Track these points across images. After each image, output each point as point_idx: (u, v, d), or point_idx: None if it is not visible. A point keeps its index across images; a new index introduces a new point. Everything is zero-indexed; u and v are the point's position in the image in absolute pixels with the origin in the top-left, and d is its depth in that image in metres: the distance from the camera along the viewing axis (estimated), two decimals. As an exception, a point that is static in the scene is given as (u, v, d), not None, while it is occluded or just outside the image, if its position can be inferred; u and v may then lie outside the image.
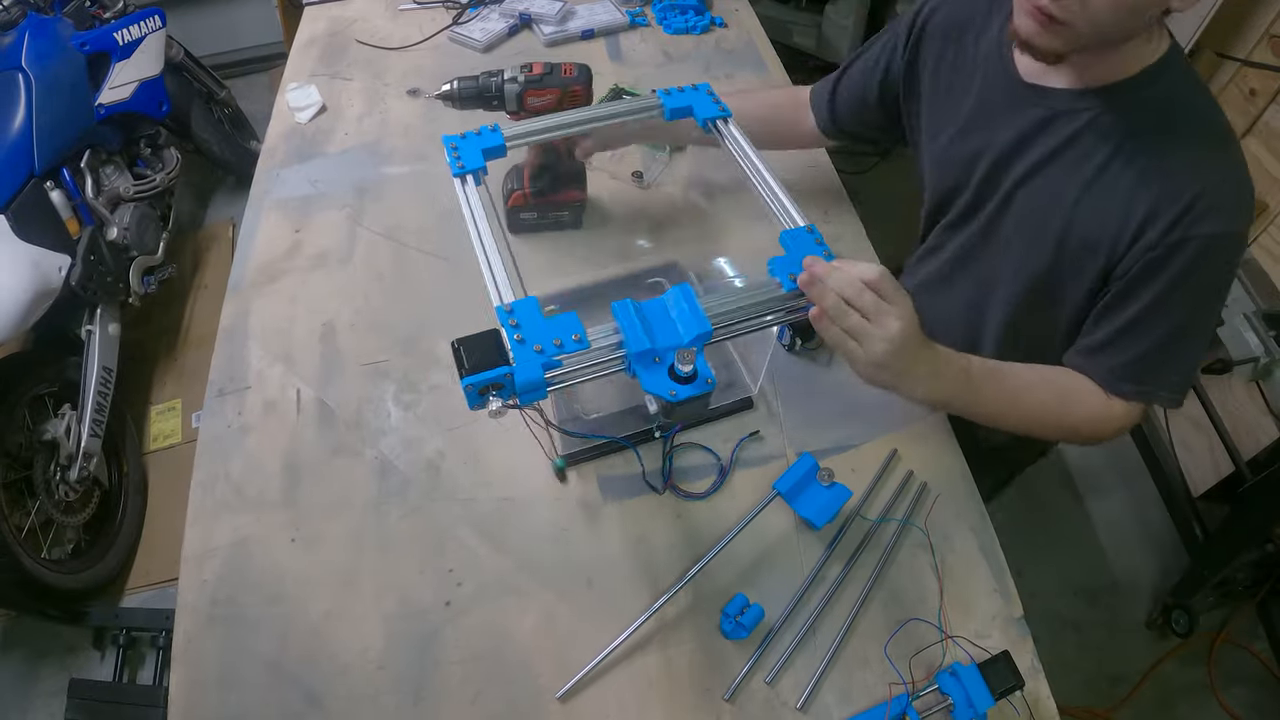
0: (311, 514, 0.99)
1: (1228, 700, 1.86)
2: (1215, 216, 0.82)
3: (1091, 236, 0.90)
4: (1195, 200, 0.82)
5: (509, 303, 0.75)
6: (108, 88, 2.15)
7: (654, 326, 0.76)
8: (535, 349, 0.71)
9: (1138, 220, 0.86)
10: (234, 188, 2.97)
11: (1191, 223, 0.83)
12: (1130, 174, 0.87)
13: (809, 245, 0.83)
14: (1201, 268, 0.84)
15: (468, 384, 0.69)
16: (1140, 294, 0.88)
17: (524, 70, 1.11)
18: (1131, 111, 0.88)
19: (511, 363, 0.70)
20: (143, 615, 1.93)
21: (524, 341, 0.71)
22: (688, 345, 0.74)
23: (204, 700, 0.85)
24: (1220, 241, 0.84)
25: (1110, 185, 0.88)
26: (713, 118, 1.00)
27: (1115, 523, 2.19)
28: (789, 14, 2.91)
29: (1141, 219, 0.85)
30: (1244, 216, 0.85)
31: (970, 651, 0.85)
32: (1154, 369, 0.91)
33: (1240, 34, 1.97)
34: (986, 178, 1.01)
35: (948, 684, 0.81)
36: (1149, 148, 0.86)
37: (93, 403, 1.95)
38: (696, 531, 0.96)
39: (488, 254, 0.81)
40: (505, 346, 0.71)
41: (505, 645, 0.88)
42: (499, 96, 1.11)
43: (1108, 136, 0.89)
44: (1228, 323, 1.74)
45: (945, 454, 1.03)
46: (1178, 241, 0.83)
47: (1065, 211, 0.92)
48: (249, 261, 1.26)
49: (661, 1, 1.76)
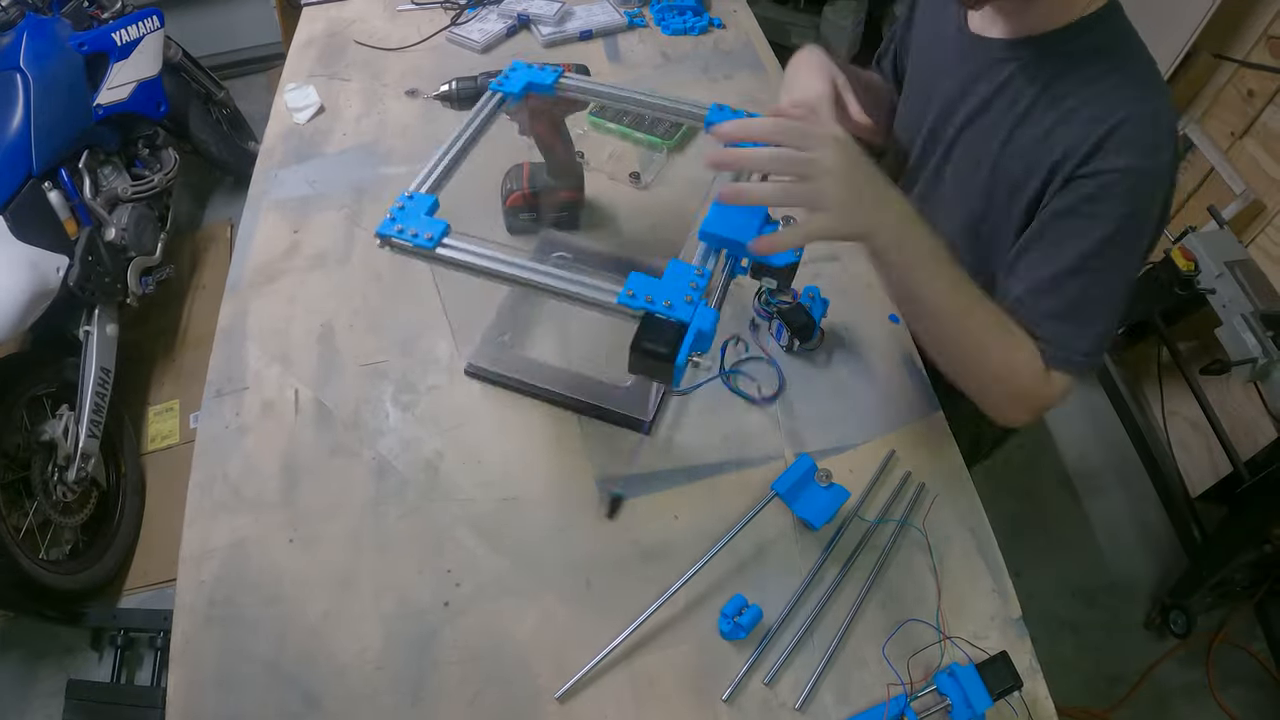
0: (309, 514, 0.99)
1: (1226, 701, 1.86)
2: (1129, 150, 0.82)
3: (1016, 178, 0.91)
4: (1108, 134, 0.82)
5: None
6: (106, 88, 2.15)
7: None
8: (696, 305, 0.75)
9: (1054, 157, 0.86)
10: (232, 188, 2.97)
11: (1104, 156, 0.83)
12: (1052, 115, 0.88)
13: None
14: (1115, 201, 0.83)
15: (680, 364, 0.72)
16: (1052, 232, 0.87)
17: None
18: (1059, 57, 0.89)
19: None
20: (141, 616, 1.93)
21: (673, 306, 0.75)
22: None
23: (202, 701, 0.85)
24: (1133, 176, 0.82)
25: (1033, 127, 0.90)
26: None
27: (1113, 523, 2.19)
28: (787, 15, 2.91)
29: (1058, 156, 0.86)
30: (1162, 153, 0.83)
31: (968, 652, 0.85)
32: (1068, 330, 0.87)
33: (1238, 35, 1.97)
34: (932, 130, 1.03)
35: (946, 685, 0.81)
36: (1072, 91, 0.87)
37: (90, 403, 1.95)
38: (694, 532, 0.96)
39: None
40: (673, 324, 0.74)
41: (504, 646, 0.88)
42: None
43: (1034, 81, 0.91)
44: (1225, 323, 1.74)
45: (943, 454, 1.04)
46: (1090, 174, 0.84)
47: (993, 156, 0.94)
48: (247, 262, 1.26)
49: (659, 2, 1.76)
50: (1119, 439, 2.23)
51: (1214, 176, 2.09)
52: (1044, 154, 0.88)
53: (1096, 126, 0.83)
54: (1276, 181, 1.91)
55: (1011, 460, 2.29)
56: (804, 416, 1.06)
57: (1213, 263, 1.79)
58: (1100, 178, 0.83)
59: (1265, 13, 1.89)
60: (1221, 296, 1.77)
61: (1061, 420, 2.40)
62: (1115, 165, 0.82)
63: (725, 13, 1.77)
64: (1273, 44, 1.88)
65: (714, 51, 1.68)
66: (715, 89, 1.58)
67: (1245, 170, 1.99)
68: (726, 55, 1.67)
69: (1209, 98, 2.09)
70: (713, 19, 1.74)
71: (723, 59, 1.66)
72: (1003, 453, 2.27)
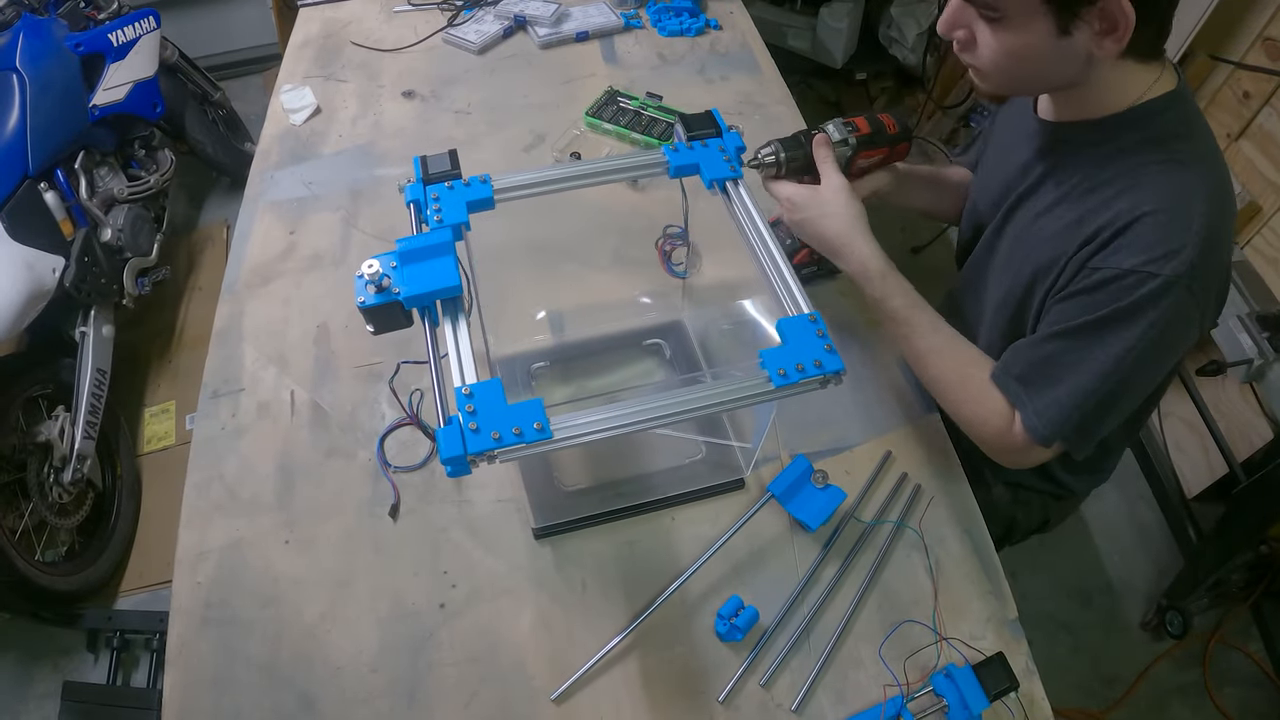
0: (305, 516, 0.98)
1: (1222, 701, 1.86)
2: (1138, 251, 0.80)
3: (1043, 259, 0.91)
4: (1126, 228, 0.81)
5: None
6: (102, 89, 2.14)
7: None
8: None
9: (1081, 239, 0.86)
10: (228, 189, 2.96)
11: (1115, 251, 0.82)
12: (1090, 200, 0.87)
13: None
14: (1110, 296, 0.82)
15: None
16: (1053, 309, 0.89)
17: (850, 130, 1.00)
18: (1109, 143, 0.87)
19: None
20: (136, 618, 1.92)
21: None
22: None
23: (198, 703, 0.85)
24: (1134, 278, 0.80)
25: (1067, 210, 0.90)
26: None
27: (1109, 524, 2.19)
28: (783, 16, 2.91)
29: (1084, 238, 0.85)
30: (1176, 259, 0.79)
31: (965, 653, 0.85)
32: (1035, 382, 0.88)
33: (1234, 37, 1.98)
34: (994, 205, 1.04)
35: (942, 686, 0.81)
36: (1114, 179, 0.86)
37: (86, 404, 1.94)
38: (692, 534, 0.96)
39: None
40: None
41: (500, 647, 0.88)
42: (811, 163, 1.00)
43: (1079, 164, 0.90)
44: (1222, 325, 1.74)
45: (940, 456, 1.04)
46: (1098, 266, 0.83)
47: (1029, 240, 0.95)
48: (243, 263, 1.26)
49: (656, 4, 1.76)
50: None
51: (1210, 178, 2.09)
52: (1072, 238, 0.87)
53: (1123, 217, 0.82)
54: (1272, 183, 1.91)
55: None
56: (801, 418, 1.06)
57: (1209, 264, 1.79)
58: (1103, 272, 0.82)
59: (1261, 15, 1.90)
60: (1218, 297, 1.77)
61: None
62: (1120, 265, 0.81)
63: (722, 14, 1.77)
64: (1269, 46, 1.88)
65: (710, 53, 1.68)
66: (711, 90, 1.58)
67: (1241, 172, 2.00)
68: (723, 57, 1.67)
69: (1205, 99, 2.09)
70: (709, 20, 1.75)
71: (719, 60, 1.66)
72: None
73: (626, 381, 1.09)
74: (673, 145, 0.92)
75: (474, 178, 0.87)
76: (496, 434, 0.67)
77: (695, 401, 0.72)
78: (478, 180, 0.86)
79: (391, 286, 0.75)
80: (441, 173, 0.87)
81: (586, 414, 0.70)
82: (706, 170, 0.90)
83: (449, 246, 0.78)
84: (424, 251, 0.77)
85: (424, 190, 0.85)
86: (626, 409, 0.71)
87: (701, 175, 0.91)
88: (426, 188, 0.85)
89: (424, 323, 0.77)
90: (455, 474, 0.67)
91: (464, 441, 0.66)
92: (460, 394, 0.70)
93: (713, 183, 0.90)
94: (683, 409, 0.71)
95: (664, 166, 0.91)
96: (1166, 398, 2.13)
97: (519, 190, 0.88)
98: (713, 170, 0.90)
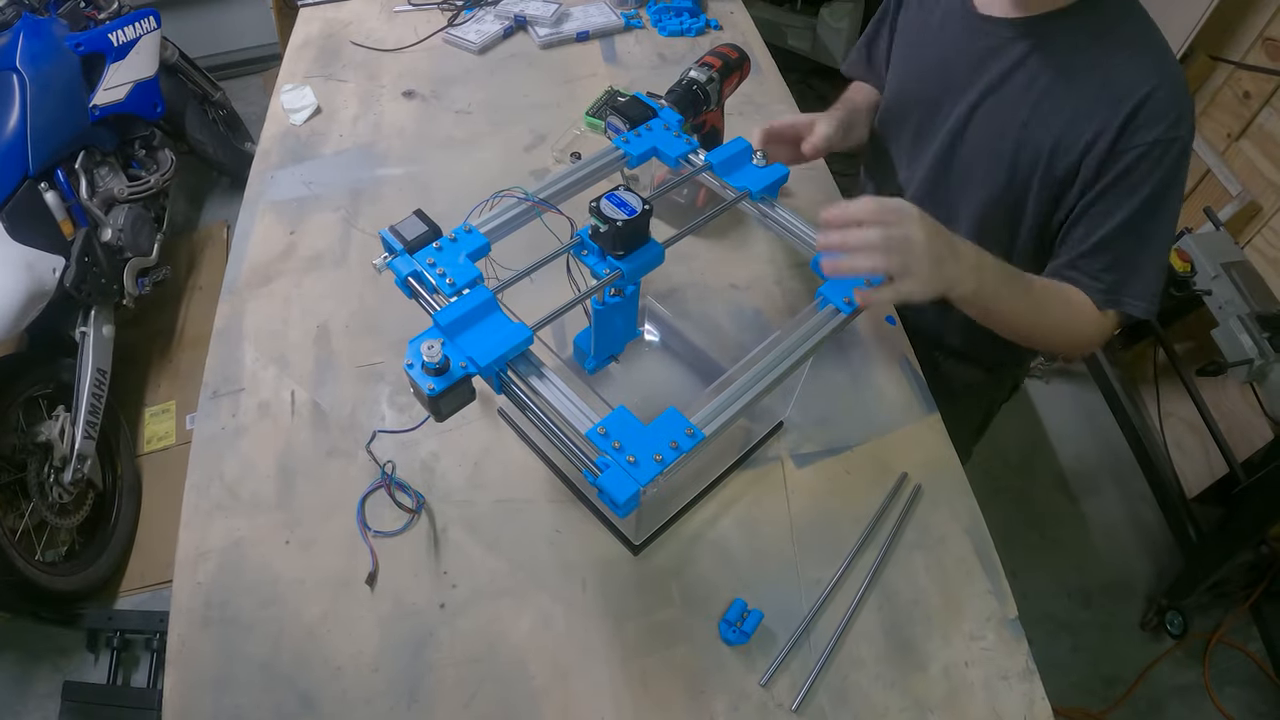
0: (306, 516, 0.98)
1: (1222, 701, 1.86)
2: (1157, 124, 0.89)
3: (1042, 155, 0.97)
4: (1136, 111, 0.89)
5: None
6: (102, 89, 2.14)
7: None
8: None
9: (1087, 138, 0.93)
10: (228, 189, 2.96)
11: (1135, 131, 0.90)
12: (1074, 94, 0.94)
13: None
14: (1152, 171, 0.91)
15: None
16: (1101, 204, 0.95)
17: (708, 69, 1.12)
18: (1072, 35, 0.95)
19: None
20: (137, 618, 1.92)
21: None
22: None
23: (198, 703, 0.85)
24: (1162, 146, 0.90)
25: (1055, 105, 0.95)
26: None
27: (1109, 524, 2.20)
28: (784, 16, 2.91)
29: (1090, 136, 0.92)
30: (1184, 121, 0.91)
31: (964, 653, 0.85)
32: (1125, 277, 0.96)
33: (1234, 37, 1.98)
34: (937, 107, 1.08)
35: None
36: (1090, 68, 0.93)
37: (87, 404, 1.94)
38: (690, 535, 0.96)
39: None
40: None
41: (500, 647, 0.88)
42: (706, 99, 1.11)
43: (1050, 59, 0.96)
44: (1222, 325, 1.74)
45: (940, 456, 1.04)
46: (1124, 150, 0.91)
47: (1015, 134, 0.99)
48: (243, 263, 1.26)
49: (656, 4, 1.76)
50: (1115, 440, 2.23)
51: (1210, 178, 2.10)
52: (1074, 134, 0.94)
53: (1123, 104, 0.90)
54: (1273, 183, 1.91)
55: (1008, 461, 2.30)
56: (800, 418, 1.06)
57: (1209, 264, 1.80)
58: (1134, 152, 0.90)
59: (1262, 15, 1.90)
60: (1218, 298, 1.78)
61: (1058, 421, 2.41)
62: (1146, 139, 0.90)
63: (722, 14, 1.77)
64: (1269, 46, 1.88)
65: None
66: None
67: (1241, 172, 2.00)
68: (723, 56, 1.67)
69: (1205, 99, 2.10)
70: (709, 20, 1.75)
71: (720, 60, 1.66)
72: (999, 453, 2.28)
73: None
74: (624, 138, 0.94)
75: (456, 229, 0.82)
76: (659, 456, 0.65)
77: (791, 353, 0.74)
78: (462, 230, 0.82)
79: (455, 364, 0.71)
80: (421, 236, 0.80)
81: (713, 403, 0.71)
82: (666, 150, 0.92)
83: (492, 303, 0.74)
84: (468, 318, 0.73)
85: (412, 260, 0.79)
86: (741, 386, 0.72)
87: (662, 157, 0.93)
88: (414, 256, 0.80)
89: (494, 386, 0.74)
90: (628, 513, 0.66)
91: (632, 478, 0.64)
92: (596, 435, 0.67)
93: (678, 160, 0.92)
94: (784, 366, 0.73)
95: (622, 159, 0.93)
96: (1167, 398, 2.14)
97: (502, 228, 0.85)
98: (670, 148, 0.93)
